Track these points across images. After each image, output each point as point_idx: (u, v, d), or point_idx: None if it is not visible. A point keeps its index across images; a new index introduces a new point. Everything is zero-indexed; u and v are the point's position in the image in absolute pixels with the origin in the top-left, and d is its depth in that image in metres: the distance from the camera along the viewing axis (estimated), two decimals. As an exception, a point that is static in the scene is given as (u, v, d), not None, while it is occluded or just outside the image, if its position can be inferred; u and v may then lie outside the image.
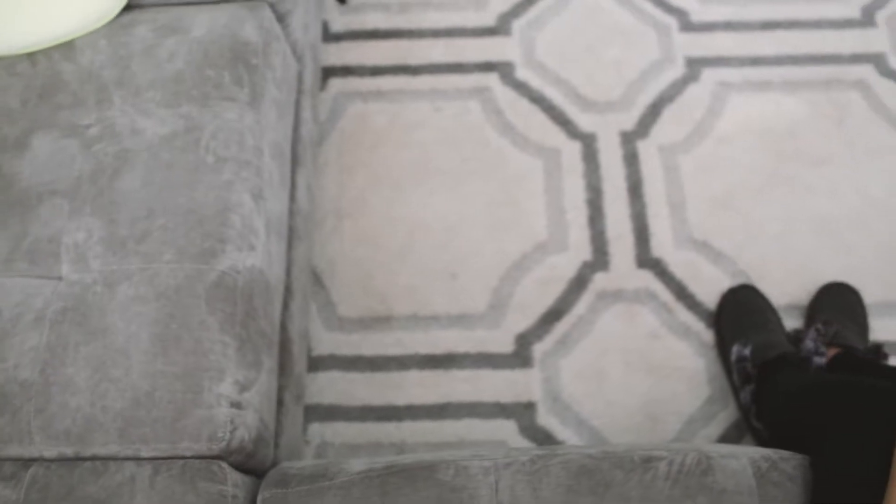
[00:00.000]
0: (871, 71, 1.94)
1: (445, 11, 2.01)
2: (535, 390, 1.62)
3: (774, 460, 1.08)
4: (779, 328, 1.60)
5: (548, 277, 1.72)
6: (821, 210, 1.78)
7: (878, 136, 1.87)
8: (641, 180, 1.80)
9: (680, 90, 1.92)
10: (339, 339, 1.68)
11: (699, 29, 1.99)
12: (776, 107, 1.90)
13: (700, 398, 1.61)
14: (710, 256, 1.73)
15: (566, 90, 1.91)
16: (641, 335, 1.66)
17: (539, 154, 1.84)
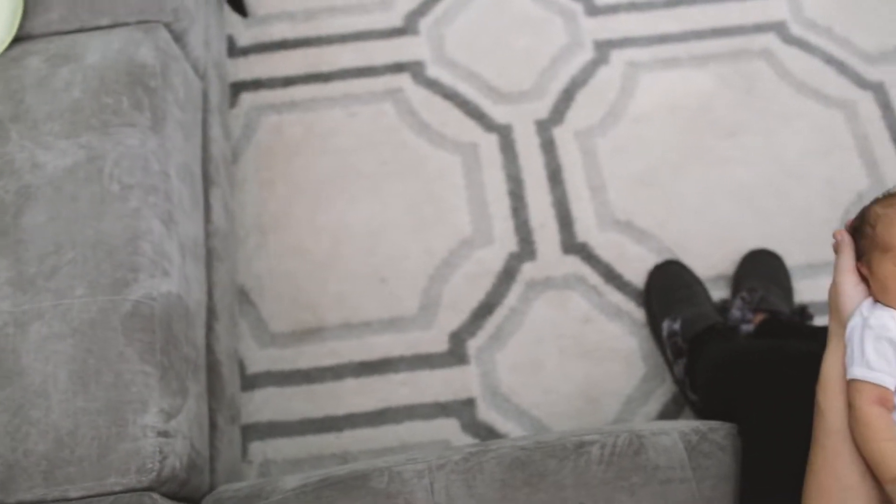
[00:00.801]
0: (774, 39, 1.97)
1: (352, 15, 2.00)
2: (474, 386, 1.62)
3: (704, 432, 1.09)
4: (706, 300, 1.62)
5: (476, 272, 1.72)
6: (738, 180, 1.81)
7: (786, 102, 1.90)
8: (560, 167, 1.81)
9: (591, 74, 1.93)
10: (274, 355, 1.66)
11: (604, 12, 2.01)
12: (686, 82, 1.92)
13: (636, 377, 1.63)
14: (634, 235, 1.75)
15: (478, 84, 1.91)
16: (574, 320, 1.67)
17: (457, 150, 1.84)
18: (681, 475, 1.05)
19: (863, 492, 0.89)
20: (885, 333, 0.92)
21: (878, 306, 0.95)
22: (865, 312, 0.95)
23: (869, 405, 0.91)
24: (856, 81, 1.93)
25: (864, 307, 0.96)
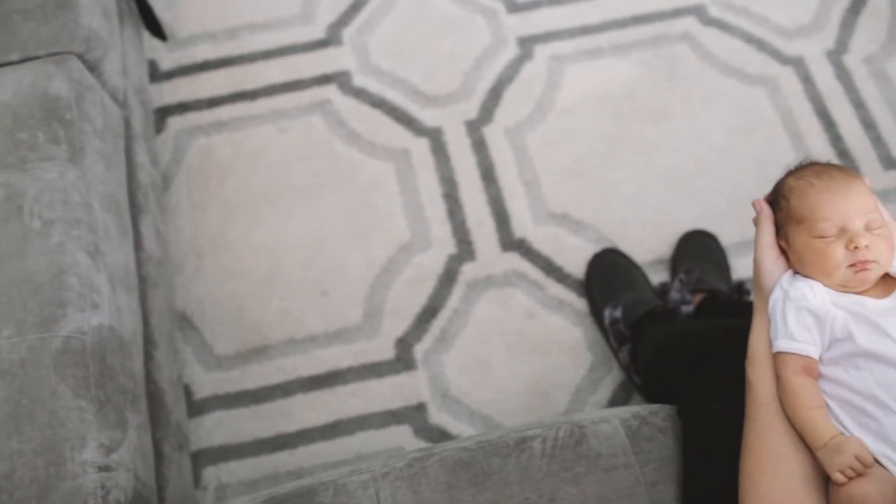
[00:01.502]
0: (693, 22, 2.00)
1: (274, 31, 1.99)
2: (423, 391, 1.62)
3: (644, 416, 1.10)
4: (646, 285, 1.64)
5: (417, 277, 1.72)
6: (668, 164, 1.83)
7: (709, 84, 1.93)
8: (493, 165, 1.82)
9: (516, 70, 1.94)
10: (220, 378, 1.65)
11: (525, 8, 2.02)
12: (610, 71, 1.94)
13: (584, 367, 1.64)
14: (570, 227, 1.76)
15: (405, 89, 1.92)
16: (517, 317, 1.68)
17: (389, 157, 1.84)
18: (624, 461, 1.06)
19: (796, 460, 0.91)
20: (805, 304, 0.94)
21: (798, 278, 0.97)
22: (785, 285, 0.97)
23: (795, 376, 0.93)
24: (776, 57, 1.96)
25: (784, 280, 0.98)
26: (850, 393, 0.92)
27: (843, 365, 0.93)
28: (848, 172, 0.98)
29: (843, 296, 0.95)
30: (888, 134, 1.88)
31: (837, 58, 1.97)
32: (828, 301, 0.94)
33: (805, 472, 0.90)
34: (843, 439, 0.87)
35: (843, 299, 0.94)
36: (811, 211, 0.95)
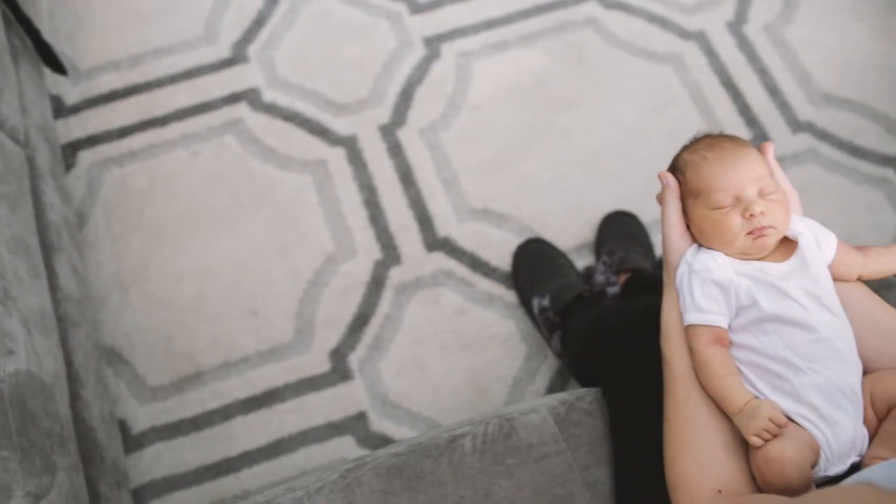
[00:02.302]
0: (596, 6, 2.02)
1: (178, 54, 1.97)
2: (362, 399, 1.62)
3: (571, 402, 1.11)
4: (571, 271, 1.66)
5: (345, 287, 1.71)
6: (583, 149, 1.85)
7: (617, 66, 1.95)
8: (411, 167, 1.82)
9: (425, 71, 1.94)
10: (157, 410, 1.63)
11: (428, 8, 2.03)
12: (518, 63, 1.96)
13: (519, 358, 1.65)
14: (493, 221, 1.77)
15: (316, 100, 1.91)
16: (449, 315, 1.69)
17: (306, 169, 1.83)
18: (555, 448, 1.06)
19: (715, 429, 0.92)
20: (708, 276, 0.96)
21: (701, 250, 0.99)
22: (689, 258, 0.98)
23: (706, 346, 0.94)
24: (679, 34, 1.99)
25: (689, 253, 0.99)
26: (761, 357, 0.93)
27: (751, 331, 0.94)
28: (738, 142, 1.00)
29: (746, 263, 0.96)
30: (793, 98, 1.92)
31: (738, 29, 2.00)
32: (731, 270, 0.96)
33: (725, 439, 0.92)
34: (756, 403, 0.89)
35: (746, 267, 0.96)
36: (706, 183, 0.97)
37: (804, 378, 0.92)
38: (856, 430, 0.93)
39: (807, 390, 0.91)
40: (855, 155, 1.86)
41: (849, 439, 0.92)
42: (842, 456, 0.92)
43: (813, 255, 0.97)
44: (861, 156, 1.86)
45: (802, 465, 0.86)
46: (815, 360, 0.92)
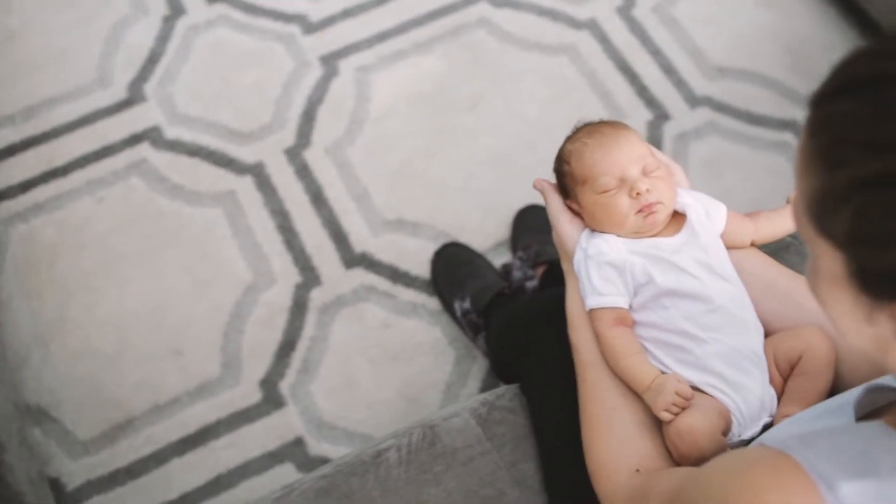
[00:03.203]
0: (486, 6, 2.04)
1: (73, 102, 1.94)
2: (297, 425, 1.61)
3: (492, 401, 1.12)
4: (489, 271, 1.66)
5: (268, 315, 1.70)
6: (489, 148, 1.86)
7: (513, 63, 1.97)
8: (320, 187, 1.82)
9: (325, 89, 1.94)
10: (91, 463, 1.60)
11: (321, 26, 2.03)
12: (417, 70, 1.96)
13: (449, 363, 1.65)
14: (408, 230, 1.77)
15: (219, 131, 1.90)
16: (375, 330, 1.68)
17: (216, 202, 1.81)
18: (480, 449, 1.07)
19: (627, 409, 0.94)
20: (603, 259, 0.97)
21: (595, 235, 1.00)
22: (584, 244, 1.00)
23: (609, 328, 0.95)
24: (570, 24, 2.02)
25: (583, 239, 1.01)
26: (663, 332, 0.95)
27: (650, 307, 0.96)
28: (617, 126, 1.02)
29: (638, 242, 0.98)
30: (688, 75, 1.96)
31: (627, 12, 2.04)
32: (624, 251, 0.97)
33: (638, 418, 0.93)
34: (662, 378, 0.91)
35: (639, 245, 0.98)
36: (590, 169, 0.99)
37: (706, 348, 0.94)
38: (763, 391, 0.95)
39: (710, 359, 0.93)
40: (753, 123, 1.90)
41: (757, 401, 0.94)
42: (753, 418, 0.94)
43: (703, 226, 1.00)
44: (759, 123, 1.90)
45: (713, 433, 0.88)
46: (715, 329, 0.94)
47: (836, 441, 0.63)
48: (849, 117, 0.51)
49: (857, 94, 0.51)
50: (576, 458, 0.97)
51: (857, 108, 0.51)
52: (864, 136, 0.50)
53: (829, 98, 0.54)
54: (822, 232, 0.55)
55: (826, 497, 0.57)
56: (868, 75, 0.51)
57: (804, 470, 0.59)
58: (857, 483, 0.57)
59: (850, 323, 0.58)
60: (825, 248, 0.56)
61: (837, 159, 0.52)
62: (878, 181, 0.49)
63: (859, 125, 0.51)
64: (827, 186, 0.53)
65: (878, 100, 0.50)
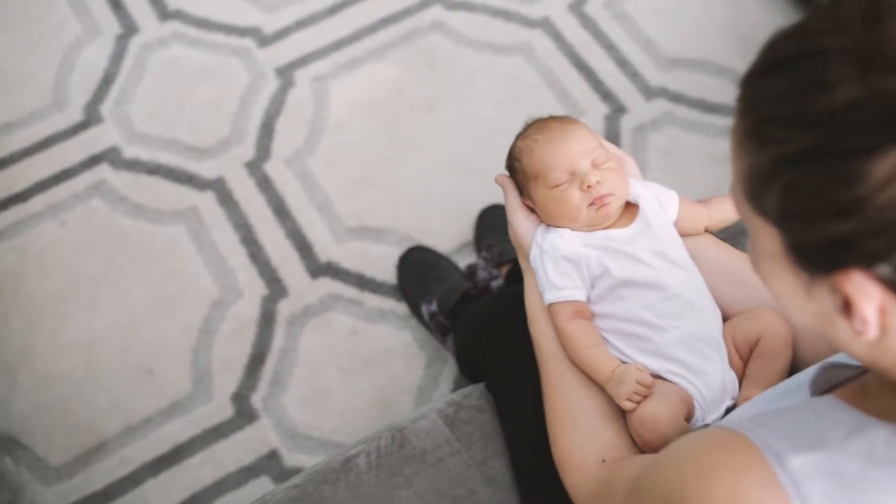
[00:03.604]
0: (439, 9, 2.05)
1: (29, 126, 1.93)
2: (272, 437, 1.61)
3: (459, 401, 1.12)
4: (455, 272, 1.67)
5: (236, 329, 1.70)
6: (448, 150, 1.87)
7: (469, 64, 1.98)
8: (282, 199, 1.82)
9: (282, 101, 1.94)
10: (65, 489, 1.59)
11: (276, 38, 2.03)
12: (373, 77, 1.97)
13: (420, 366, 1.66)
14: (372, 237, 1.78)
15: (178, 148, 1.89)
16: (344, 338, 1.68)
17: (178, 220, 1.81)
18: (449, 450, 1.07)
19: (591, 401, 0.94)
20: (558, 253, 0.98)
21: (549, 230, 1.01)
22: (539, 240, 1.01)
23: (568, 322, 0.96)
24: (523, 23, 2.03)
25: (538, 235, 1.01)
26: (622, 322, 0.96)
27: (608, 299, 0.97)
28: (565, 120, 1.03)
29: (593, 235, 0.99)
30: (642, 67, 1.97)
31: (579, 9, 2.05)
32: (578, 244, 0.98)
33: (602, 409, 0.94)
34: (623, 368, 0.92)
35: (593, 238, 0.99)
36: (541, 165, 0.99)
37: (665, 335, 0.95)
38: (724, 375, 0.96)
39: (670, 346, 0.94)
40: (708, 111, 1.92)
41: (719, 385, 0.95)
42: (715, 402, 0.95)
43: (656, 215, 1.01)
44: (714, 111, 1.92)
45: (676, 419, 0.89)
46: (673, 317, 0.95)
47: (787, 418, 0.64)
48: (773, 96, 0.53)
49: (781, 73, 0.52)
50: (544, 452, 0.98)
51: (780, 86, 0.52)
52: (787, 114, 0.51)
53: (756, 78, 0.55)
54: (757, 210, 0.56)
55: (777, 471, 0.58)
56: (790, 54, 0.52)
57: (756, 447, 0.60)
58: (807, 455, 0.58)
59: (793, 299, 0.59)
60: (761, 225, 0.57)
61: (765, 138, 0.53)
62: (803, 157, 0.51)
63: (783, 103, 0.52)
64: (757, 165, 0.54)
65: (799, 77, 0.51)
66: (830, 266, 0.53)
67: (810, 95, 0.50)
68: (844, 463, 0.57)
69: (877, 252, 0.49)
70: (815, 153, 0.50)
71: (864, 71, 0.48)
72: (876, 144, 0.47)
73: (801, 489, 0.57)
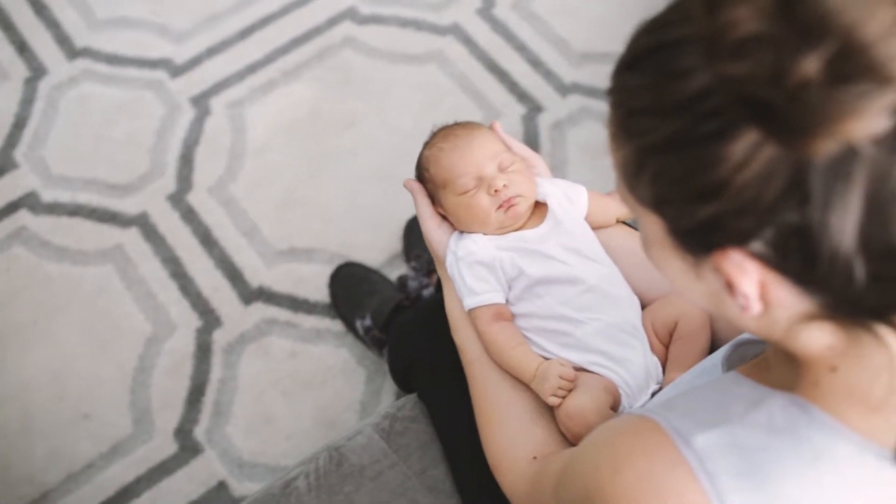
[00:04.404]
0: (349, 25, 2.05)
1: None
2: (218, 469, 1.59)
3: (393, 413, 1.13)
4: (386, 285, 1.67)
5: (173, 364, 1.68)
6: (370, 164, 1.87)
7: (383, 76, 1.99)
8: (208, 228, 1.80)
9: (200, 130, 1.93)
10: (11, 544, 1.56)
11: (188, 67, 2.01)
12: (289, 98, 1.97)
13: (361, 382, 1.66)
14: (301, 258, 1.77)
15: (98, 188, 1.87)
16: (283, 361, 1.68)
17: (104, 259, 1.78)
18: (388, 463, 1.08)
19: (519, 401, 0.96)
20: (473, 258, 0.99)
21: (463, 236, 1.02)
22: (453, 247, 1.02)
23: (489, 325, 0.97)
24: (434, 31, 2.05)
25: (452, 242, 1.02)
26: (542, 320, 0.97)
27: (526, 298, 0.98)
28: (469, 126, 1.04)
29: (505, 237, 1.00)
30: (555, 65, 2.00)
31: (488, 13, 2.07)
32: (492, 248, 0.99)
33: (530, 407, 0.95)
34: (546, 365, 0.93)
35: (506, 240, 1.00)
36: (447, 172, 1.00)
37: (585, 328, 0.96)
38: (646, 361, 0.98)
39: (590, 339, 0.96)
40: (623, 102, 1.94)
41: (642, 372, 0.97)
42: (640, 388, 0.97)
43: (566, 211, 1.02)
44: (629, 101, 1.94)
45: (601, 409, 0.90)
46: (591, 309, 0.97)
47: (694, 398, 0.66)
48: (636, 88, 0.54)
49: (641, 66, 0.54)
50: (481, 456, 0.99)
51: (641, 78, 0.54)
52: (649, 105, 0.53)
53: (621, 72, 0.57)
54: (637, 199, 0.58)
55: (683, 451, 0.59)
56: (648, 46, 0.54)
57: (663, 430, 0.61)
58: (711, 433, 0.59)
59: (685, 282, 0.61)
60: (644, 213, 0.59)
61: (632, 129, 0.55)
62: (666, 145, 0.52)
63: (644, 95, 0.53)
64: (629, 156, 0.56)
65: (657, 68, 0.53)
66: (708, 247, 0.54)
67: (667, 86, 0.51)
68: (746, 436, 0.59)
69: (746, 230, 0.51)
70: (675, 141, 0.51)
71: (710, 58, 0.49)
72: (729, 128, 0.49)
73: (706, 466, 0.58)
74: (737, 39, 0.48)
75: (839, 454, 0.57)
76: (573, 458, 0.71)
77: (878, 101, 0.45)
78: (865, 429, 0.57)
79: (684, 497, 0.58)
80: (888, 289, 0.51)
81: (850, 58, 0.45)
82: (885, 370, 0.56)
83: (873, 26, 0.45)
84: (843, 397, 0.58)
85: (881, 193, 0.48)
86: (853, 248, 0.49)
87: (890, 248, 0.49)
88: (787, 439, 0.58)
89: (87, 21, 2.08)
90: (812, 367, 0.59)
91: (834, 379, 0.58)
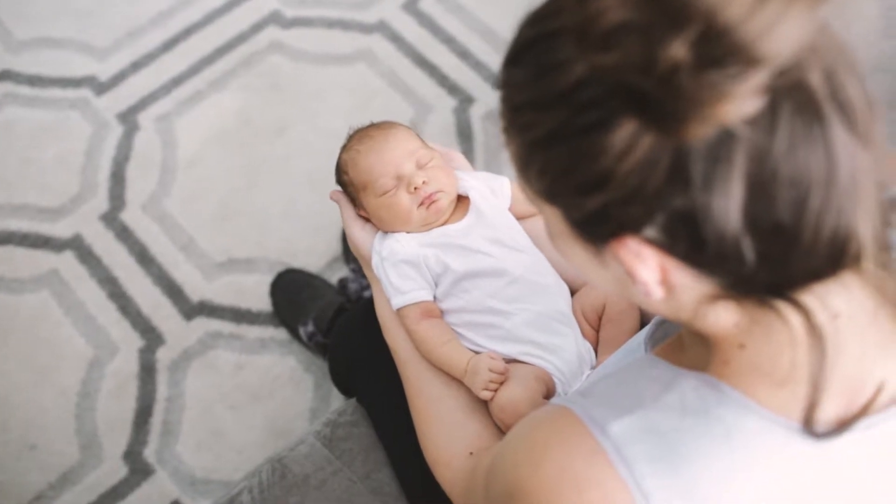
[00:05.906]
0: (274, 29, 2.03)
1: None
2: (171, 489, 1.57)
3: (334, 419, 1.12)
4: (328, 290, 1.66)
5: (117, 386, 1.65)
6: (305, 168, 1.86)
7: (312, 79, 1.97)
8: (144, 246, 1.78)
9: (129, 147, 1.90)
10: (-36, 583, 1.53)
11: (113, 84, 1.98)
12: (218, 108, 1.94)
13: (309, 389, 1.64)
14: (241, 269, 1.75)
15: (28, 213, 1.83)
16: (229, 374, 1.66)
17: (40, 285, 1.75)
18: (331, 470, 1.07)
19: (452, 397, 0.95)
20: (397, 258, 0.98)
21: (387, 236, 1.01)
22: (377, 247, 1.01)
23: (417, 323, 0.97)
24: (361, 30, 2.03)
25: (376, 244, 1.02)
26: (471, 314, 0.97)
27: (454, 294, 0.98)
28: (385, 126, 1.03)
29: (429, 234, 1.00)
30: (484, 55, 1.99)
31: (413, 7, 2.06)
32: (415, 245, 0.99)
33: (463, 403, 0.95)
34: (475, 359, 0.92)
35: (429, 237, 0.99)
36: (366, 174, 1.00)
37: (514, 319, 0.96)
38: (578, 347, 0.98)
39: (520, 329, 0.95)
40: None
41: (575, 358, 0.97)
42: (574, 374, 0.97)
43: (489, 203, 1.02)
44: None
45: (534, 399, 0.90)
46: (519, 300, 0.96)
47: (611, 383, 0.65)
48: (519, 83, 0.54)
49: (522, 60, 0.54)
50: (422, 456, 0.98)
51: (522, 73, 0.53)
52: (529, 99, 0.53)
53: (506, 68, 0.56)
54: (533, 191, 0.57)
55: (600, 440, 0.59)
56: (528, 39, 0.54)
57: (579, 419, 0.61)
58: (625, 419, 0.59)
59: (591, 270, 0.60)
60: (543, 205, 0.58)
61: (518, 124, 0.54)
62: (549, 139, 0.52)
63: (525, 89, 0.53)
64: (518, 150, 0.55)
65: (536, 62, 0.52)
66: (604, 236, 0.54)
67: (545, 79, 0.51)
68: (660, 419, 0.59)
69: (636, 218, 0.51)
70: (557, 134, 0.51)
71: (583, 49, 0.49)
72: (608, 118, 0.49)
73: (622, 453, 0.58)
74: (606, 28, 0.48)
75: (750, 430, 0.57)
76: (497, 454, 0.71)
77: (746, 82, 0.45)
78: (774, 404, 0.57)
79: (604, 486, 0.58)
80: (779, 266, 0.51)
81: (715, 41, 0.45)
82: (788, 345, 0.56)
83: (735, 8, 0.45)
84: (752, 374, 0.58)
85: (762, 173, 0.48)
86: (739, 228, 0.49)
87: (777, 226, 0.49)
88: (699, 419, 0.58)
89: (5, 43, 2.04)
90: (722, 345, 0.60)
91: (743, 356, 0.58)
